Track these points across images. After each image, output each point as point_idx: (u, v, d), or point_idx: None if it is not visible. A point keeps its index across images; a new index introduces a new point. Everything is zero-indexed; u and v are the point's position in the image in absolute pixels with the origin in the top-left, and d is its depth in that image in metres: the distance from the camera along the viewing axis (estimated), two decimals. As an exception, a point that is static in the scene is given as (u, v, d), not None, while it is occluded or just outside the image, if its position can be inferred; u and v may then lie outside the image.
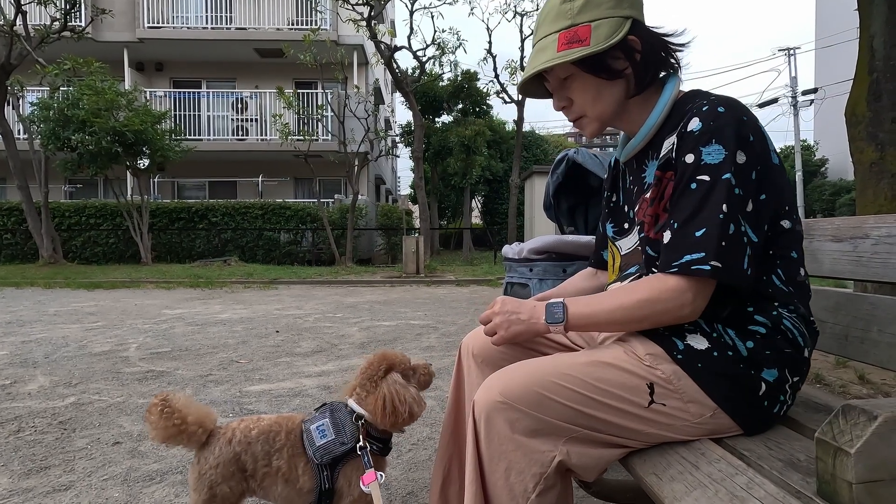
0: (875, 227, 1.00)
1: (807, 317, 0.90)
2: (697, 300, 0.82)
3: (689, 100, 0.91)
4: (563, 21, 0.90)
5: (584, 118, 0.97)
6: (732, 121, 0.82)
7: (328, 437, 1.07)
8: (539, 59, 0.92)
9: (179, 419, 1.03)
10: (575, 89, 0.95)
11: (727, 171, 0.80)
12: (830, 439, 0.61)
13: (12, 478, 1.65)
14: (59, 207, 11.94)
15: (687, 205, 0.83)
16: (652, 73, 0.93)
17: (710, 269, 0.79)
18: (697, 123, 0.84)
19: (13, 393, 2.57)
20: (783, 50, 22.22)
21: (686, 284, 0.81)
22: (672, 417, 0.84)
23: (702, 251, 0.80)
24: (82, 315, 5.11)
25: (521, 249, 1.88)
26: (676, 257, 0.82)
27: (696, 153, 0.83)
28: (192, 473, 1.07)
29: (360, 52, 14.21)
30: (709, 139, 0.82)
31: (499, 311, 0.94)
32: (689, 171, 0.84)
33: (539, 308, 0.91)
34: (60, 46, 10.78)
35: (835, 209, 21.72)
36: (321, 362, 3.23)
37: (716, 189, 0.81)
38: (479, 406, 0.84)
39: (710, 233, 0.80)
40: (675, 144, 0.87)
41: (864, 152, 3.20)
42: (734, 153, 0.81)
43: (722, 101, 0.85)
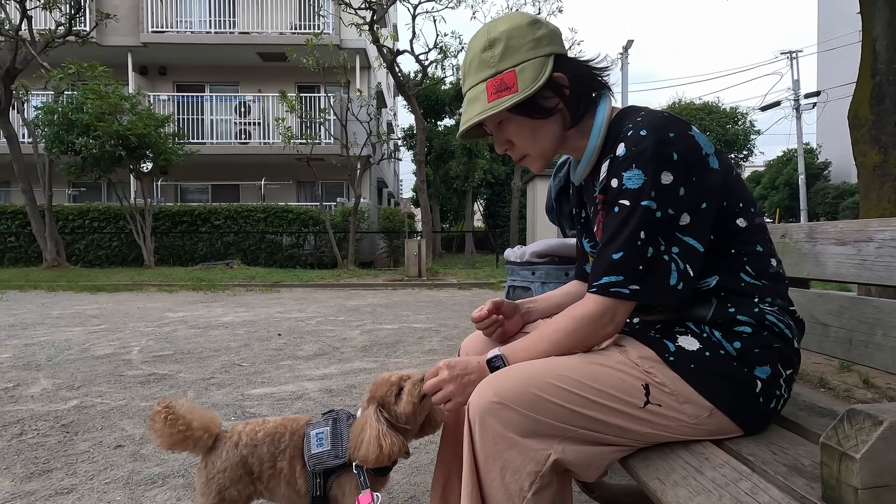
0: (879, 231, 1.00)
1: (787, 307, 0.91)
2: (617, 318, 0.87)
3: (622, 119, 0.93)
4: (487, 70, 0.92)
5: (528, 157, 1.00)
6: (653, 143, 0.84)
7: (324, 447, 1.06)
8: (473, 111, 0.94)
9: (184, 425, 1.03)
10: (512, 132, 0.97)
11: (647, 198, 0.83)
12: (835, 444, 0.61)
13: (14, 481, 1.65)
14: (63, 211, 11.99)
15: (609, 227, 0.87)
16: (584, 104, 0.96)
17: (629, 292, 0.84)
18: (623, 149, 0.87)
19: (16, 396, 2.57)
20: (785, 53, 22.21)
21: (605, 304, 0.85)
22: (668, 418, 0.84)
23: (620, 274, 0.84)
24: (85, 318, 5.12)
25: (523, 253, 1.88)
26: (596, 278, 0.86)
27: (619, 178, 0.86)
28: (199, 478, 1.07)
29: (363, 56, 14.26)
30: (630, 164, 0.85)
31: (448, 377, 0.91)
32: (612, 195, 0.87)
33: (483, 364, 0.92)
34: (65, 51, 10.86)
35: (838, 212, 21.65)
36: (323, 366, 3.23)
37: (634, 214, 0.83)
38: (473, 407, 0.84)
39: (627, 257, 0.83)
40: (607, 168, 0.91)
41: (867, 155, 3.19)
42: (657, 176, 0.83)
43: (646, 122, 0.86)
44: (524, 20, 0.93)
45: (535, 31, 0.92)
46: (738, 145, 22.38)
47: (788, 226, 1.26)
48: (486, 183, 18.47)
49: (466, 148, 15.25)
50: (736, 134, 22.16)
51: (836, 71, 22.60)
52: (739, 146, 22.44)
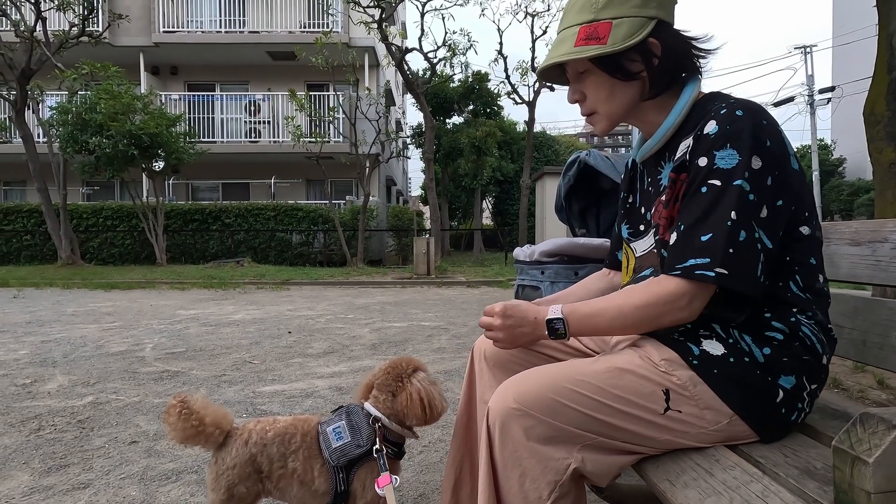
0: (894, 231, 0.99)
1: (825, 324, 0.88)
2: (695, 303, 0.82)
3: (708, 102, 0.89)
4: (586, 14, 0.90)
5: (596, 115, 0.96)
6: (750, 125, 0.81)
7: (344, 439, 1.08)
8: (558, 51, 0.92)
9: (197, 420, 1.05)
10: (589, 85, 0.94)
11: (740, 178, 0.79)
12: (848, 448, 0.60)
13: (33, 475, 1.69)
14: (77, 209, 12.18)
15: (695, 208, 0.82)
16: (668, 79, 0.91)
17: (715, 275, 0.78)
18: (714, 126, 0.82)
19: (33, 392, 2.62)
20: (799, 48, 21.88)
21: (686, 288, 0.81)
22: (688, 424, 0.83)
23: (707, 256, 0.79)
24: (99, 315, 5.20)
25: (532, 252, 1.88)
26: (680, 260, 0.82)
27: (709, 157, 0.82)
28: (209, 474, 1.09)
29: (372, 54, 14.29)
30: (724, 143, 0.81)
31: (501, 324, 0.92)
32: (701, 175, 0.83)
33: (541, 321, 0.90)
34: (78, 51, 11.00)
35: (853, 210, 21.32)
36: (333, 363, 3.25)
37: (726, 194, 0.80)
38: (493, 412, 0.84)
39: (717, 238, 0.79)
40: (689, 147, 0.86)
41: (882, 152, 3.14)
42: (749, 158, 0.80)
43: (741, 104, 0.83)
44: None
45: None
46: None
47: (801, 226, 1.25)
48: (494, 181, 18.41)
49: (475, 146, 15.22)
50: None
51: (852, 66, 22.22)
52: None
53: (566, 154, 21.25)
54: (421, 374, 1.15)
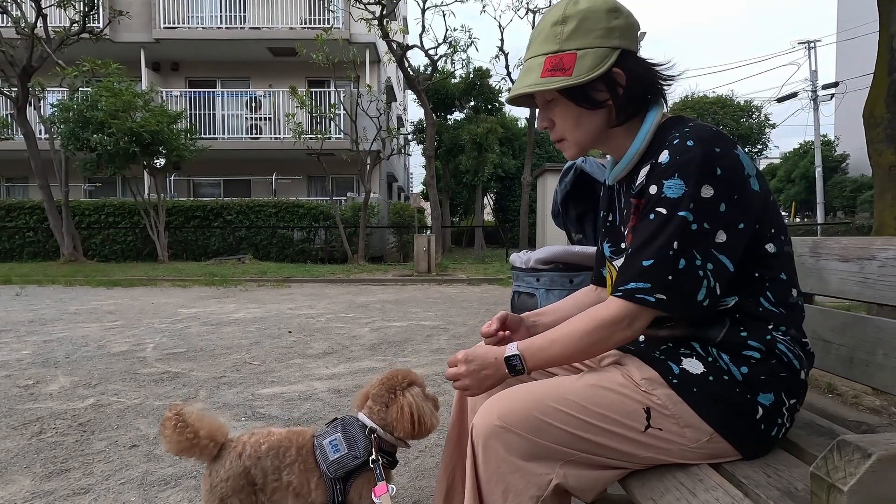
0: (882, 249, 1.00)
1: (800, 338, 0.90)
2: (636, 324, 0.86)
3: (669, 127, 0.92)
4: (551, 44, 0.92)
5: (565, 141, 1.00)
6: (700, 155, 0.83)
7: (341, 451, 1.10)
8: (525, 81, 0.94)
9: (192, 433, 1.06)
10: (557, 113, 0.97)
11: (685, 208, 0.82)
12: (825, 475, 0.62)
13: (34, 480, 1.72)
14: (79, 206, 12.21)
15: (642, 234, 0.86)
16: (634, 107, 0.94)
17: (655, 301, 0.83)
18: (666, 156, 0.86)
19: (35, 394, 2.65)
20: (803, 43, 21.72)
21: (627, 310, 0.85)
22: (669, 442, 0.85)
23: (647, 282, 0.83)
24: (101, 314, 5.24)
25: (528, 259, 1.89)
26: (623, 282, 0.86)
27: (658, 185, 0.86)
28: (204, 485, 1.11)
29: (373, 51, 14.25)
30: (672, 173, 0.84)
31: (465, 370, 0.94)
32: (650, 202, 0.87)
33: (500, 360, 0.93)
34: (79, 48, 10.99)
35: (855, 206, 21.23)
36: (332, 364, 3.27)
37: (670, 223, 0.83)
38: (477, 430, 0.86)
39: (658, 265, 0.83)
40: (646, 173, 0.90)
41: (882, 155, 3.14)
42: (696, 189, 0.82)
43: (694, 133, 0.85)
44: (604, 5, 0.91)
45: (610, 20, 0.90)
46: (753, 139, 22.00)
47: (793, 239, 1.26)
48: (496, 177, 18.40)
49: (476, 142, 15.20)
50: (750, 128, 21.78)
51: (856, 61, 22.06)
52: (753, 140, 22.07)
53: (568, 150, 21.16)
54: (415, 389, 1.16)
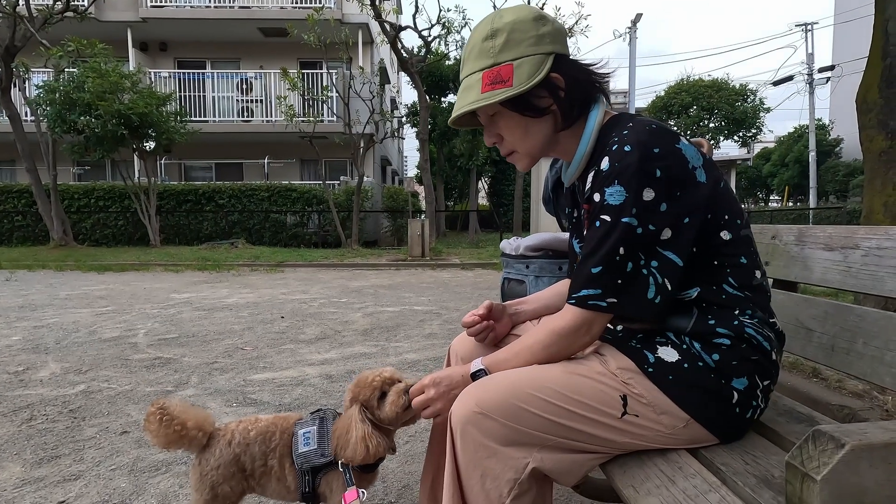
0: (865, 239, 1.00)
1: (767, 319, 0.91)
2: (594, 329, 0.89)
3: (611, 128, 0.93)
4: (485, 60, 0.92)
5: (515, 153, 1.00)
6: (636, 159, 0.83)
7: (310, 445, 1.09)
8: (465, 99, 0.94)
9: (179, 425, 1.06)
10: (503, 127, 0.97)
11: (628, 214, 0.83)
12: (799, 464, 0.62)
13: (25, 466, 1.72)
14: (69, 190, 12.05)
15: (590, 241, 0.88)
16: (577, 108, 0.95)
17: (607, 305, 0.85)
18: (606, 163, 0.87)
19: (25, 380, 2.65)
20: (800, 25, 21.56)
21: (582, 316, 0.87)
22: (645, 428, 0.86)
23: (598, 288, 0.85)
24: (92, 299, 5.21)
25: (518, 246, 1.89)
26: (575, 290, 0.88)
27: (601, 193, 0.87)
28: (193, 474, 1.11)
29: (365, 31, 14.00)
30: (612, 180, 0.85)
31: (436, 395, 0.96)
32: (595, 209, 0.88)
33: (468, 377, 0.95)
34: (64, 27, 10.72)
35: (848, 190, 21.35)
36: (324, 350, 3.28)
37: (615, 230, 0.84)
38: (455, 416, 0.87)
39: (606, 271, 0.85)
40: (591, 180, 0.91)
41: (873, 140, 3.14)
42: (637, 193, 0.83)
43: (631, 137, 0.85)
44: (530, 14, 0.92)
45: (538, 28, 0.91)
46: (747, 123, 21.97)
47: (779, 227, 1.26)
48: (490, 161, 18.30)
49: (471, 125, 15.08)
50: (745, 111, 21.72)
51: (853, 44, 21.94)
52: (748, 124, 22.03)
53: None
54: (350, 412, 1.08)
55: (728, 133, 22.30)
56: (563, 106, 0.93)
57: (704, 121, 22.34)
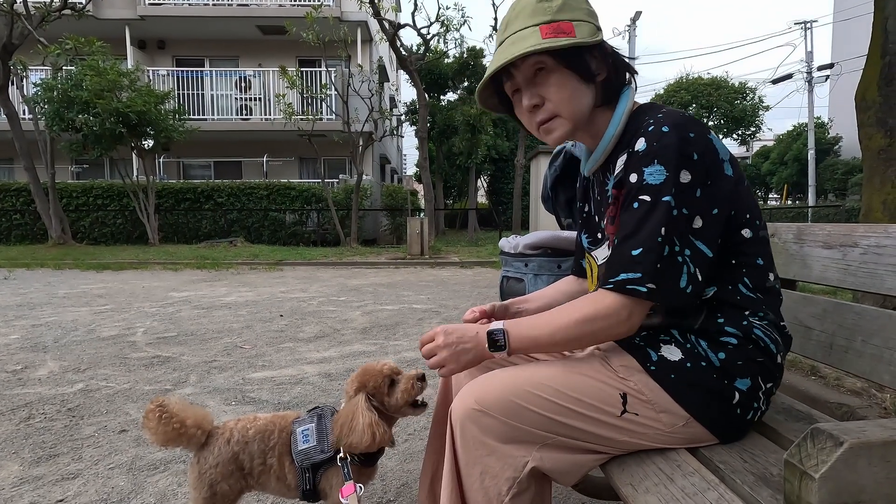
0: (864, 237, 1.00)
1: (777, 323, 0.91)
2: (633, 318, 0.84)
3: (641, 114, 0.92)
4: (542, 16, 0.90)
5: (557, 118, 0.94)
6: (675, 140, 0.82)
7: (310, 442, 1.10)
8: (521, 45, 0.87)
9: (178, 423, 1.06)
10: (551, 84, 0.91)
11: (667, 193, 0.81)
12: (798, 462, 0.62)
13: (23, 465, 1.72)
14: (67, 188, 12.02)
15: (627, 223, 0.85)
16: (615, 87, 0.94)
17: (646, 290, 0.81)
18: (642, 143, 0.85)
19: (24, 379, 2.64)
20: (799, 23, 21.55)
21: (621, 302, 0.83)
22: (645, 426, 0.86)
23: (639, 271, 0.82)
24: (91, 298, 5.20)
25: (516, 244, 1.88)
26: (613, 274, 0.84)
27: (638, 173, 0.84)
28: (191, 473, 1.11)
29: (364, 29, 13.97)
30: (651, 160, 0.83)
31: (443, 343, 0.90)
32: (632, 190, 0.85)
33: (482, 334, 0.90)
34: (61, 25, 10.69)
35: (847, 189, 21.36)
36: (323, 348, 3.28)
37: (655, 210, 0.82)
38: (455, 413, 0.87)
39: (647, 254, 0.81)
40: (624, 162, 0.89)
41: (872, 139, 3.14)
42: (676, 174, 0.82)
43: (668, 119, 0.84)
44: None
45: (588, 3, 0.94)
46: (746, 121, 21.96)
47: (778, 225, 1.26)
48: (489, 159, 18.30)
49: (470, 124, 15.06)
50: (744, 109, 21.72)
51: (852, 42, 21.94)
52: (747, 122, 22.02)
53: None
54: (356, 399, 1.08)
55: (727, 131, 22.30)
56: (610, 76, 0.93)
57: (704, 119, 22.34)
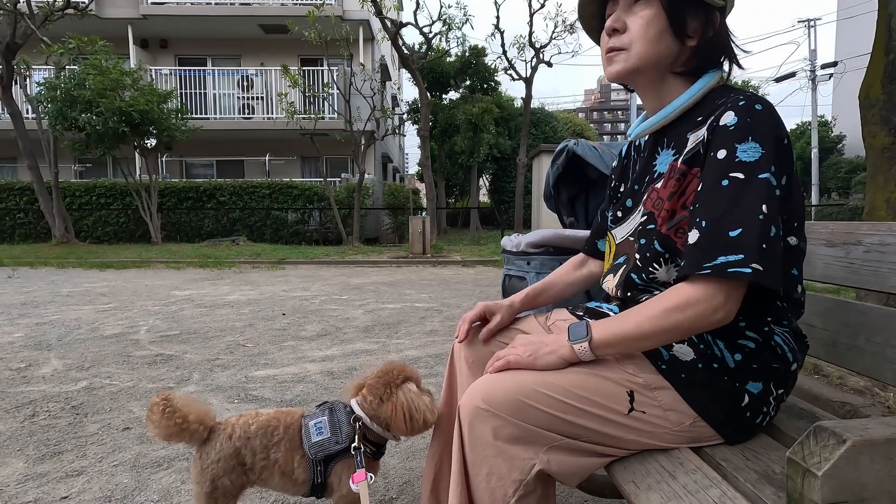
0: (868, 235, 1.00)
1: (798, 331, 0.90)
2: (730, 303, 0.78)
3: (721, 93, 0.87)
4: None
5: (626, 52, 0.90)
6: (770, 119, 0.78)
7: (324, 434, 1.12)
8: None
9: (181, 418, 1.07)
10: (640, 17, 0.88)
11: (766, 171, 0.76)
12: (800, 460, 0.62)
13: (28, 462, 1.73)
14: (70, 187, 12.07)
15: (719, 202, 0.78)
16: (704, 62, 0.90)
17: (751, 272, 0.74)
18: (732, 118, 0.79)
19: (28, 376, 2.65)
20: (803, 21, 21.47)
21: (718, 287, 0.77)
22: (652, 425, 0.85)
23: (740, 252, 0.74)
24: (94, 296, 5.22)
25: (518, 242, 1.89)
26: (708, 258, 0.77)
27: (729, 149, 0.79)
28: (194, 468, 1.12)
29: (366, 28, 13.96)
30: (745, 136, 0.78)
31: (522, 343, 0.90)
32: (720, 167, 0.79)
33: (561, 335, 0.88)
34: (64, 24, 10.72)
35: (850, 187, 21.29)
36: (325, 346, 3.29)
37: (751, 187, 0.76)
38: (463, 411, 0.86)
39: (749, 233, 0.75)
40: (703, 139, 0.83)
41: (876, 136, 3.12)
42: (773, 152, 0.77)
43: (759, 98, 0.81)
44: None
45: None
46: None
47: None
48: (491, 158, 18.27)
49: (472, 122, 15.04)
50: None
51: (856, 40, 21.84)
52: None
53: (564, 131, 21.02)
54: (409, 385, 1.16)
55: (730, 130, 22.17)
56: (699, 46, 0.88)
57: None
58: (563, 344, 0.87)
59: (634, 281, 0.95)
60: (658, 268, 0.90)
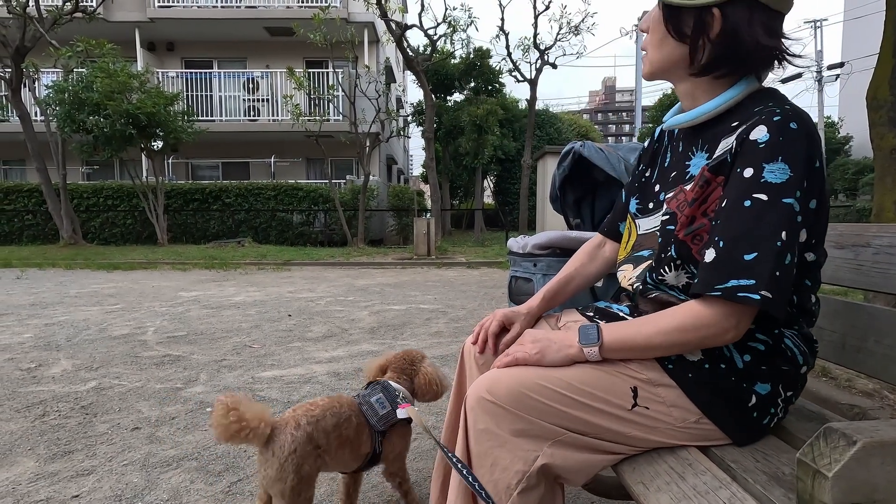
0: (877, 237, 1.00)
1: (809, 335, 0.90)
2: (741, 325, 0.79)
3: (759, 100, 0.83)
4: None
5: (646, 55, 0.94)
6: (805, 141, 0.75)
7: (387, 408, 1.30)
8: None
9: (245, 419, 1.09)
10: (652, 21, 0.91)
11: (790, 196, 0.74)
12: (810, 461, 0.63)
13: (38, 462, 1.75)
14: (78, 189, 12.16)
15: (737, 223, 0.76)
16: (722, 67, 0.85)
17: (760, 298, 0.73)
18: (764, 134, 0.76)
19: (38, 377, 2.68)
20: (809, 22, 21.37)
21: (730, 310, 0.77)
22: (656, 421, 0.86)
23: (752, 278, 0.74)
24: (102, 297, 5.26)
25: (525, 244, 1.89)
26: (720, 280, 0.76)
27: (756, 167, 0.76)
28: (269, 468, 1.12)
29: (371, 30, 14.02)
30: (774, 156, 0.75)
31: (530, 339, 0.91)
32: (744, 186, 0.77)
33: (571, 332, 0.89)
34: (73, 28, 10.82)
35: (857, 189, 21.15)
36: (331, 348, 3.30)
37: (773, 211, 0.74)
38: (468, 403, 0.87)
39: (764, 259, 0.74)
40: (732, 148, 0.80)
41: (884, 138, 3.11)
42: (802, 175, 0.74)
43: (796, 114, 0.77)
44: None
45: None
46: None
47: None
48: (496, 159, 18.26)
49: (476, 124, 15.05)
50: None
51: (863, 41, 21.72)
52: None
53: (569, 132, 20.99)
54: (427, 361, 1.45)
55: (735, 131, 22.09)
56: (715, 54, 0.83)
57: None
58: (572, 343, 0.88)
59: (646, 279, 0.96)
60: (668, 271, 0.90)
